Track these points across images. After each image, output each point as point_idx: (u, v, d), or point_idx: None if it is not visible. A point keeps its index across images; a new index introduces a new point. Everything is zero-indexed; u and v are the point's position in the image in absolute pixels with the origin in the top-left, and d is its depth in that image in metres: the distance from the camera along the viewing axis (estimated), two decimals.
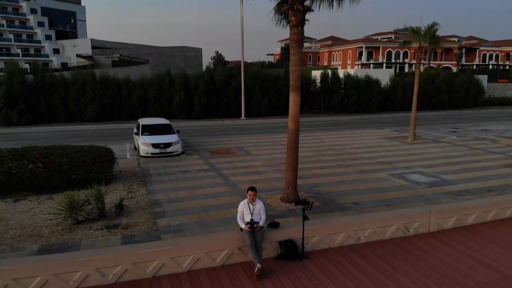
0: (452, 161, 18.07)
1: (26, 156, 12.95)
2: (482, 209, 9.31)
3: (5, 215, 11.29)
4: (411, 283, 6.82)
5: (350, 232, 8.01)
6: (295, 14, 10.50)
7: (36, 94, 29.88)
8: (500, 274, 7.18)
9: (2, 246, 9.29)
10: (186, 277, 6.85)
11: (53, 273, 6.38)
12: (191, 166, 16.92)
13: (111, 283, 6.63)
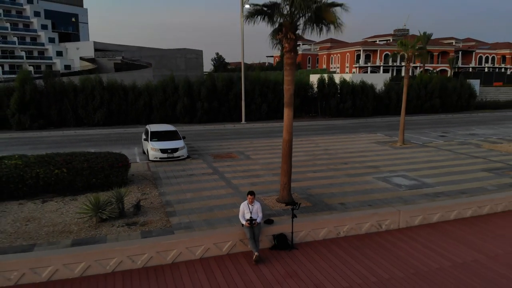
0: (435, 165, 19.81)
1: (51, 162, 14.70)
2: (445, 209, 11.06)
3: (36, 215, 13.02)
4: (379, 268, 8.56)
5: (331, 227, 9.77)
6: (288, 42, 12.23)
7: (47, 100, 31.63)
8: (451, 262, 8.92)
9: (39, 241, 11.02)
10: (199, 263, 8.61)
11: (94, 259, 8.14)
12: (196, 170, 18.65)
13: (139, 268, 8.38)
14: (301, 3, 10.78)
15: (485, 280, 8.17)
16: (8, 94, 31.23)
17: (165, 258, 8.53)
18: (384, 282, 7.95)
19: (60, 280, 7.99)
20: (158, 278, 8.10)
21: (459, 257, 9.17)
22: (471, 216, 11.52)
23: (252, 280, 8.02)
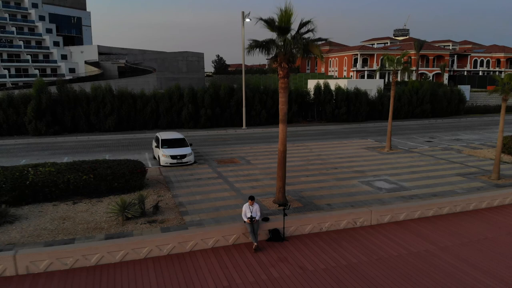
0: (415, 170, 22.29)
1: (80, 169, 17.19)
2: (410, 209, 13.54)
3: (70, 214, 15.51)
4: (349, 255, 11.05)
5: (315, 224, 12.26)
6: (282, 69, 14.71)
7: (61, 107, 34.15)
8: (408, 251, 11.42)
9: (78, 236, 13.52)
10: (211, 251, 11.11)
11: (131, 248, 10.64)
12: (202, 174, 21.15)
13: (165, 255, 10.88)
14: (291, 42, 13.28)
15: (431, 264, 10.66)
16: (24, 102, 33.76)
17: (184, 247, 11.03)
18: (352, 265, 10.44)
19: (105, 264, 10.49)
20: (180, 263, 10.60)
21: (415, 247, 11.67)
22: (432, 215, 14.00)
23: (252, 264, 10.51)
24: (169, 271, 10.17)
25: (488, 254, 11.35)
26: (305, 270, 10.24)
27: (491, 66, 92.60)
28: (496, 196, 15.20)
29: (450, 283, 9.70)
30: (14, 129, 33.85)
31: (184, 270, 10.20)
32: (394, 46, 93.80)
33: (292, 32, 14.46)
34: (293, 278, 9.83)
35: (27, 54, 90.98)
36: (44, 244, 12.57)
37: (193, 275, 9.97)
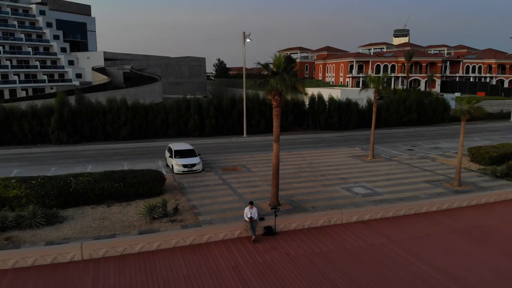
0: (390, 177, 26.37)
1: (112, 178, 21.29)
2: (373, 211, 17.62)
3: (107, 215, 19.59)
4: (322, 245, 15.14)
5: (299, 222, 16.35)
6: (276, 101, 18.80)
7: (81, 118, 38.27)
8: (366, 243, 15.51)
9: (117, 232, 17.58)
10: (221, 242, 15.22)
11: (164, 240, 14.75)
12: (210, 181, 25.23)
13: (188, 245, 14.98)
14: (281, 84, 17.42)
15: (382, 252, 14.74)
16: (47, 114, 37.87)
17: (202, 239, 15.12)
18: (324, 253, 14.54)
19: (146, 252, 14.59)
20: (199, 250, 14.69)
21: (372, 240, 15.76)
22: (391, 216, 18.08)
23: (251, 251, 14.60)
24: (192, 256, 14.27)
25: (427, 246, 15.44)
26: (289, 255, 14.34)
27: (483, 72, 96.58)
28: (445, 201, 19.28)
29: (394, 266, 13.79)
30: (38, 138, 37.95)
31: (202, 255, 14.29)
32: (389, 53, 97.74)
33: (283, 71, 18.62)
34: (280, 261, 13.93)
35: (35, 60, 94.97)
36: (92, 238, 16.66)
37: (209, 259, 14.07)
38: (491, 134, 45.62)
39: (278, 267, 13.47)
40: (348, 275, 13.03)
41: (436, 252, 14.88)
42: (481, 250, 15.09)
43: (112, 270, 13.47)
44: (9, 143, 37.42)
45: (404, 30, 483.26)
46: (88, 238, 16.71)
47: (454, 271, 13.39)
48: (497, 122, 55.36)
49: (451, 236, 16.31)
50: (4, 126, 36.98)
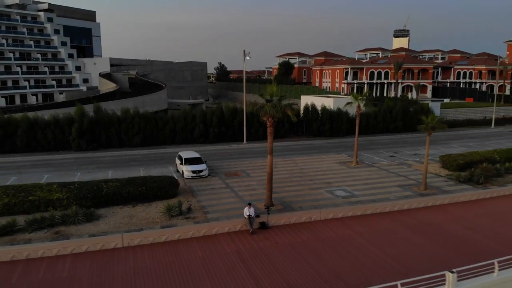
0: (368, 181, 31.19)
1: (135, 183, 26.13)
2: (345, 210, 22.46)
3: (133, 213, 24.41)
4: (302, 235, 20.01)
5: (286, 219, 21.22)
6: (269, 121, 23.63)
7: (98, 128, 43.10)
8: (337, 234, 20.35)
9: (143, 227, 22.40)
10: (227, 234, 20.11)
11: (183, 232, 19.62)
12: (215, 185, 30.06)
13: (201, 236, 19.86)
14: (272, 110, 22.29)
15: (348, 242, 19.58)
16: (68, 123, 42.69)
17: (212, 232, 19.98)
18: (303, 242, 19.39)
19: (170, 241, 19.44)
20: (210, 240, 19.55)
21: (342, 232, 20.62)
22: (360, 214, 22.92)
23: (249, 240, 19.47)
24: (204, 244, 19.13)
25: (384, 238, 20.28)
26: (278, 243, 19.20)
27: (473, 77, 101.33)
28: (405, 203, 24.15)
29: (356, 252, 18.63)
30: (60, 145, 42.77)
31: (212, 243, 19.16)
32: (383, 59, 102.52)
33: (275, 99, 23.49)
34: (271, 247, 18.79)
35: (44, 66, 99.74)
36: (125, 232, 21.47)
37: (217, 245, 18.94)
38: (469, 141, 50.39)
39: (269, 252, 18.33)
40: (321, 258, 17.89)
41: (389, 242, 19.74)
42: (424, 241, 19.95)
43: (146, 254, 18.33)
44: (34, 150, 42.23)
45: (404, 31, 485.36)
46: (121, 232, 21.52)
47: (399, 256, 18.25)
48: (479, 128, 60.17)
49: (404, 230, 21.17)
50: (30, 135, 41.79)
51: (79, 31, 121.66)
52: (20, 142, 41.57)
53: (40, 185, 25.55)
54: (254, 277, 16.09)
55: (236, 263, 17.31)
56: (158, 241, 19.37)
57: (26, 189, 25.00)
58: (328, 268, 16.96)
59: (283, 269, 16.80)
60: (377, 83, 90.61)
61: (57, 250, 18.33)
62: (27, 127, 41.66)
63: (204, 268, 16.89)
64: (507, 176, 33.50)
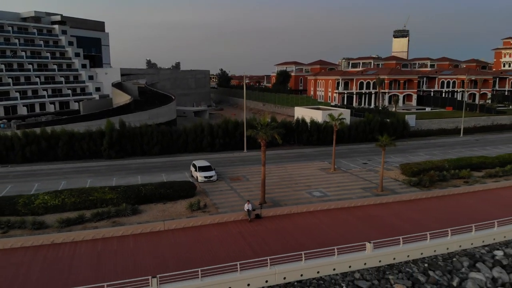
0: (340, 185, 41.25)
1: (165, 187, 36.28)
2: (315, 206, 32.58)
3: (165, 208, 34.49)
4: (285, 224, 30.15)
5: (274, 212, 31.37)
6: (262, 141, 33.71)
7: (124, 139, 53.25)
8: (307, 223, 30.49)
9: (174, 217, 32.52)
10: (233, 222, 30.33)
11: (203, 220, 29.82)
12: (222, 188, 40.17)
13: (216, 223, 30.03)
14: (264, 134, 32.43)
15: (315, 228, 29.69)
16: (100, 136, 52.78)
17: (222, 220, 30.15)
18: (284, 227, 29.51)
19: (195, 226, 29.59)
20: (222, 225, 29.72)
21: (311, 221, 30.75)
22: (326, 209, 32.99)
23: (248, 226, 29.64)
24: (218, 227, 29.30)
25: (339, 225, 30.38)
26: (267, 228, 29.38)
27: (456, 86, 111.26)
28: (359, 201, 34.21)
29: (318, 234, 28.73)
30: (93, 154, 52.90)
31: (223, 227, 29.32)
32: (372, 70, 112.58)
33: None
34: (262, 230, 28.95)
35: (60, 77, 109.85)
36: (162, 220, 31.55)
37: (226, 228, 29.11)
38: (436, 149, 60.37)
39: (261, 232, 28.47)
40: (294, 237, 28.00)
41: (342, 227, 29.85)
42: (365, 227, 30.03)
43: (180, 234, 28.49)
44: (72, 158, 52.39)
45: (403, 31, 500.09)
46: (162, 220, 31.56)
47: (345, 235, 28.36)
48: (448, 137, 70.19)
49: (354, 220, 31.27)
50: (69, 146, 51.94)
51: (89, 41, 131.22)
52: (61, 152, 51.77)
53: (96, 188, 35.70)
54: (250, 246, 26.23)
55: (238, 238, 27.43)
56: (187, 226, 29.51)
57: (86, 192, 35.13)
58: (298, 242, 27.07)
59: (269, 242, 26.92)
60: (365, 93, 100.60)
61: (122, 232, 28.48)
62: (66, 139, 51.85)
63: (219, 241, 27.03)
64: (451, 181, 43.56)
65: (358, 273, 24.21)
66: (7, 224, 30.56)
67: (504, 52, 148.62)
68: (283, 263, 23.33)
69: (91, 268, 24.06)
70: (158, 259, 24.85)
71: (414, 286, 23.48)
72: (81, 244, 27.46)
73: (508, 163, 48.21)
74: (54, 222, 30.90)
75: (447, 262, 26.16)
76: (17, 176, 45.56)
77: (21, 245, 27.23)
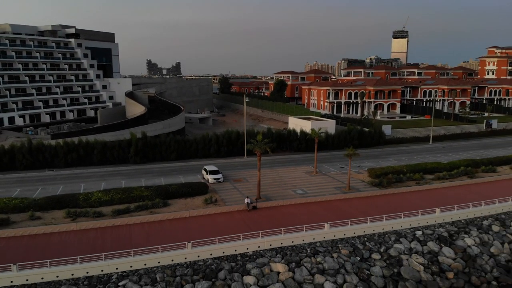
0: (318, 185, 54.80)
1: (187, 186, 49.92)
2: (296, 200, 46.13)
3: (186, 202, 48.09)
4: (273, 213, 43.78)
5: (266, 205, 44.96)
6: (258, 153, 47.23)
7: (147, 148, 66.84)
8: (290, 211, 44.10)
9: (193, 208, 46.14)
10: (236, 211, 44.00)
11: (216, 210, 43.49)
12: (228, 187, 53.76)
13: (224, 212, 43.66)
14: (259, 148, 46.03)
15: (293, 216, 43.27)
16: (127, 146, 66.33)
17: (229, 210, 43.72)
18: (273, 214, 43.12)
19: (209, 214, 43.21)
20: (228, 214, 43.33)
21: (292, 211, 44.33)
22: (303, 202, 46.52)
23: (247, 213, 43.26)
24: (225, 215, 42.91)
25: (311, 213, 43.95)
26: (261, 215, 43.02)
27: (438, 95, 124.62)
28: (324, 197, 47.76)
29: (297, 220, 42.27)
30: (121, 160, 66.46)
31: (229, 215, 42.90)
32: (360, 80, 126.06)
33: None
34: (258, 217, 42.55)
35: (78, 86, 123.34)
36: (187, 210, 45.11)
37: (232, 216, 42.73)
38: (404, 156, 73.83)
39: (256, 218, 42.08)
40: (279, 221, 41.56)
41: (312, 215, 43.39)
42: (328, 214, 43.52)
43: (200, 219, 42.13)
44: (104, 163, 65.94)
45: (403, 32, 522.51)
46: (185, 210, 45.08)
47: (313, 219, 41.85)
48: (419, 144, 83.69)
49: (322, 210, 44.81)
50: (102, 153, 65.49)
51: (100, 51, 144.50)
52: (95, 158, 65.40)
53: (134, 188, 49.28)
54: (248, 226, 39.79)
55: (240, 222, 40.99)
56: (204, 214, 43.09)
57: (128, 190, 48.69)
58: (281, 224, 40.49)
59: (262, 224, 40.47)
60: (353, 102, 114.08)
61: (160, 218, 42.06)
62: (100, 148, 65.42)
63: (227, 224, 40.61)
64: (406, 182, 57.00)
65: (319, 243, 37.76)
66: (75, 213, 44.14)
67: (488, 60, 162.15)
68: (270, 235, 36.85)
69: (144, 239, 37.51)
70: (187, 234, 38.31)
71: (355, 251, 37.00)
72: (133, 226, 40.91)
73: (456, 168, 61.67)
74: (108, 212, 44.42)
75: (380, 237, 39.69)
76: (64, 178, 59.07)
77: (92, 227, 40.69)
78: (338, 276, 33.76)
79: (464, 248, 39.36)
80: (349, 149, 53.37)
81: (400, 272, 35.41)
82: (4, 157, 62.60)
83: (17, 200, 45.94)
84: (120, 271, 32.90)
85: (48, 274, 31.91)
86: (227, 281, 32.26)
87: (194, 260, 34.51)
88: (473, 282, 36.29)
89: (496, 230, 42.94)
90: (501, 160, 67.31)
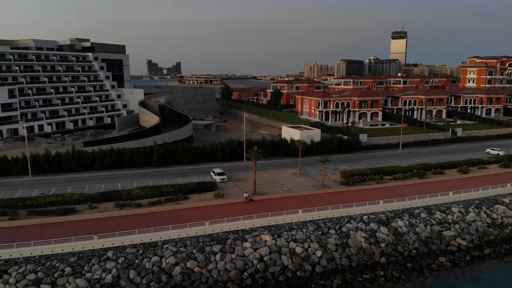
0: (300, 183, 73.97)
1: (202, 184, 69.21)
2: (283, 196, 65.32)
3: (201, 196, 67.39)
4: (266, 205, 63.04)
5: (259, 198, 64.16)
6: (254, 160, 66.37)
7: (167, 154, 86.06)
8: (277, 203, 63.48)
9: (206, 201, 65.42)
10: (238, 203, 63.28)
11: (224, 201, 62.85)
12: (231, 185, 72.98)
13: (230, 203, 62.95)
14: (255, 156, 65.27)
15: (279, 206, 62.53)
16: (150, 152, 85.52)
17: (232, 202, 62.95)
18: (265, 205, 62.28)
19: (219, 204, 62.54)
20: (231, 205, 62.57)
21: (278, 203, 63.58)
22: (288, 196, 65.65)
23: (246, 204, 62.49)
24: (230, 205, 62.13)
25: (291, 204, 63.20)
26: (256, 205, 62.19)
27: (417, 104, 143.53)
28: (306, 192, 66.88)
29: (278, 207, 61.60)
30: (145, 164, 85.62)
31: (233, 205, 62.07)
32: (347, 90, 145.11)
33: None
34: (253, 206, 61.71)
35: (96, 96, 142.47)
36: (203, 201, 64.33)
37: (234, 206, 61.93)
38: (374, 160, 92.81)
39: (252, 207, 61.23)
40: (269, 209, 60.68)
41: (292, 205, 62.53)
42: (304, 204, 62.58)
43: (212, 208, 61.36)
44: (132, 167, 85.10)
45: (401, 32, 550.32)
46: (201, 201, 64.25)
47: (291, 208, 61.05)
48: (390, 150, 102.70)
49: (299, 201, 63.90)
50: (131, 158, 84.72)
51: (112, 62, 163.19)
52: (125, 162, 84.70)
53: (162, 185, 68.60)
54: (247, 212, 58.93)
55: (241, 209, 60.12)
56: (215, 204, 62.31)
57: (157, 187, 67.97)
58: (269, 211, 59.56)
59: (256, 211, 59.54)
60: (339, 111, 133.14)
61: (183, 207, 61.28)
62: (129, 154, 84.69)
63: (231, 210, 59.73)
64: (368, 182, 75.98)
65: (294, 223, 56.93)
66: (122, 204, 63.35)
67: (469, 69, 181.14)
68: (261, 218, 56.06)
69: (175, 220, 56.54)
70: (204, 216, 57.28)
71: (318, 228, 56.14)
72: (165, 213, 59.95)
73: (410, 170, 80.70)
74: (145, 203, 63.64)
75: (337, 220, 58.85)
76: (103, 179, 78.25)
77: (137, 213, 59.78)
78: (305, 243, 52.94)
79: (396, 228, 58.51)
80: (323, 156, 72.54)
81: (348, 242, 54.59)
82: (53, 161, 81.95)
83: (77, 195, 65.21)
84: (163, 239, 52.03)
85: (116, 241, 51.04)
86: (232, 245, 51.44)
87: (210, 233, 53.63)
88: (398, 250, 55.45)
89: (423, 217, 62.01)
90: (451, 164, 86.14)
